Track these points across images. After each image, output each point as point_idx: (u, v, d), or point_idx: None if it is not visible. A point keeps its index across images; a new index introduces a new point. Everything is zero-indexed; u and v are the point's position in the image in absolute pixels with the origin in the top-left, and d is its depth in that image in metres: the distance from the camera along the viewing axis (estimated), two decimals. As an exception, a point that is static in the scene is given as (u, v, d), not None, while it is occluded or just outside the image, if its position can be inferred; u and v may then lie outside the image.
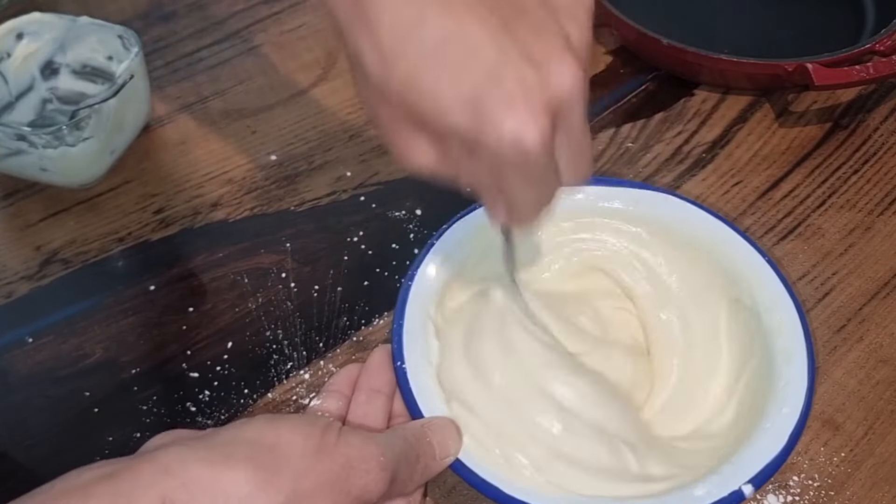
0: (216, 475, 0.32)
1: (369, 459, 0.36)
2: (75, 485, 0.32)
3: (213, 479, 0.32)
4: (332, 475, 0.35)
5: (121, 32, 0.58)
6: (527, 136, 0.31)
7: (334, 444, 0.36)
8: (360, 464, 0.35)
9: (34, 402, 0.49)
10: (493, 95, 0.30)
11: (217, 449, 0.34)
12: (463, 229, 0.49)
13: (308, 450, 0.35)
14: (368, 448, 0.36)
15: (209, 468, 0.33)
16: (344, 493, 0.35)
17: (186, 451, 0.33)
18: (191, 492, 0.32)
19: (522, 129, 0.31)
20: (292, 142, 0.62)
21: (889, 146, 0.63)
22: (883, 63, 0.61)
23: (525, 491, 0.39)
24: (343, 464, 0.35)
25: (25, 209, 0.58)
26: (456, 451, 0.40)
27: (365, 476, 0.35)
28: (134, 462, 0.33)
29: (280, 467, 0.34)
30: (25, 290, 0.54)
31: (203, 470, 0.32)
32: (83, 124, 0.53)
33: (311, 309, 0.53)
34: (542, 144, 0.31)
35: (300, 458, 0.34)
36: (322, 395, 0.44)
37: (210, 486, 0.32)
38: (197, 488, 0.32)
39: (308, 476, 0.34)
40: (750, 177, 0.61)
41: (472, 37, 0.31)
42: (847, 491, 0.45)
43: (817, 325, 0.52)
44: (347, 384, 0.45)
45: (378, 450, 0.36)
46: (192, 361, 0.50)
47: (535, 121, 0.31)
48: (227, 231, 0.57)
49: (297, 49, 0.69)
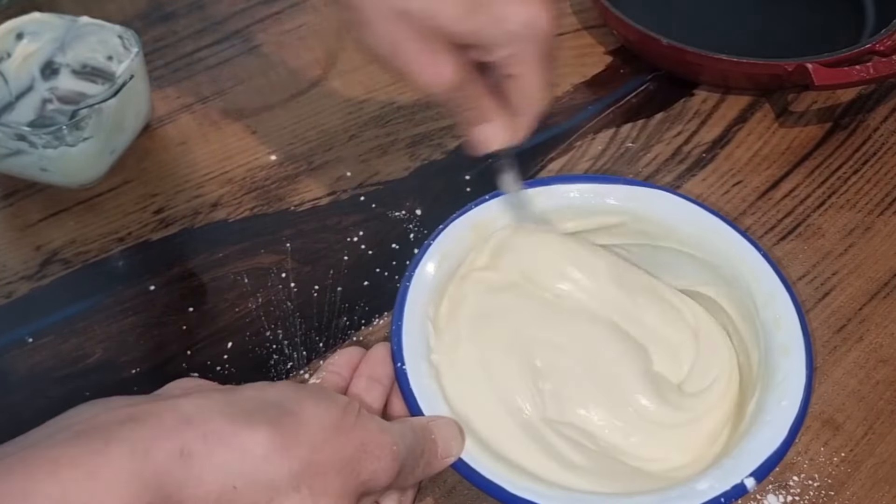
0: (237, 431, 0.33)
1: (383, 446, 0.36)
2: (94, 425, 0.32)
3: (233, 435, 0.32)
4: (346, 454, 0.35)
5: (121, 32, 0.58)
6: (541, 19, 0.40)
7: (353, 425, 0.36)
8: (374, 449, 0.36)
9: (34, 402, 0.49)
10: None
11: (240, 405, 0.34)
12: (459, 229, 0.49)
13: (327, 425, 0.35)
14: (384, 436, 0.37)
15: (230, 423, 0.33)
16: (354, 475, 0.35)
17: (210, 403, 0.33)
18: (209, 444, 0.32)
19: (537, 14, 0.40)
20: (292, 142, 0.62)
21: (889, 146, 0.63)
22: (883, 63, 0.61)
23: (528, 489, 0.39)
24: (357, 445, 0.35)
25: (25, 209, 0.58)
26: (458, 451, 0.40)
27: (376, 462, 0.36)
28: (156, 407, 0.33)
29: (299, 435, 0.34)
30: (25, 290, 0.54)
31: (224, 424, 0.33)
32: (83, 124, 0.53)
33: (311, 309, 0.53)
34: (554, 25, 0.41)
35: (318, 431, 0.34)
36: (321, 374, 0.44)
37: (229, 441, 0.32)
38: (216, 441, 0.32)
39: (324, 449, 0.34)
40: (750, 177, 0.61)
41: None
42: (847, 491, 0.45)
43: (817, 325, 0.52)
44: (347, 367, 0.45)
45: (392, 439, 0.37)
46: (192, 361, 0.50)
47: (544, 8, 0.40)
48: (227, 231, 0.57)
49: (297, 49, 0.69)
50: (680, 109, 0.65)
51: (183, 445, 0.31)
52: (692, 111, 0.65)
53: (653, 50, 0.66)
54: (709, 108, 0.65)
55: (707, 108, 0.65)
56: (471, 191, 0.58)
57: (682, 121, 0.64)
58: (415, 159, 0.61)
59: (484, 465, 0.40)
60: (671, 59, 0.65)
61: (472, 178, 0.59)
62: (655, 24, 0.65)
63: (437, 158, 0.61)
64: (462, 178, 0.59)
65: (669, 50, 0.64)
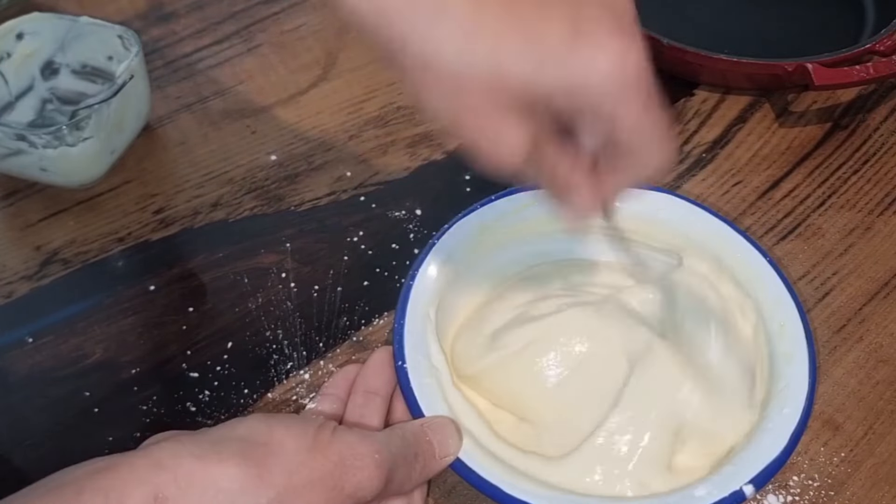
0: (207, 470, 0.33)
1: (363, 457, 0.36)
2: (68, 480, 0.32)
3: (204, 474, 0.32)
4: (324, 472, 0.35)
5: (121, 32, 0.58)
6: (629, 60, 0.32)
7: (328, 441, 0.36)
8: (353, 461, 0.36)
9: (34, 402, 0.49)
10: (581, 39, 0.31)
11: (209, 445, 0.34)
12: (464, 229, 0.49)
13: (301, 447, 0.35)
14: (363, 446, 0.36)
15: (200, 463, 0.33)
16: (337, 490, 0.35)
17: (178, 447, 0.33)
18: (182, 487, 0.32)
19: (623, 55, 0.31)
20: (292, 142, 0.62)
21: (889, 146, 0.63)
22: (883, 63, 0.61)
23: (525, 490, 0.39)
24: (336, 461, 0.35)
25: (25, 209, 0.58)
26: (456, 450, 0.40)
27: (359, 473, 0.35)
28: (127, 457, 0.33)
29: (272, 463, 0.34)
30: (25, 290, 0.54)
31: (194, 465, 0.33)
32: (83, 124, 0.53)
33: (311, 309, 0.53)
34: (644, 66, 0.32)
35: (293, 455, 0.34)
36: (318, 398, 0.45)
37: (201, 481, 0.32)
38: (188, 483, 0.32)
39: (300, 472, 0.34)
40: (750, 177, 0.61)
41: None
42: (847, 491, 0.45)
43: (817, 325, 0.52)
44: (344, 387, 0.45)
45: (373, 447, 0.37)
46: (192, 361, 0.50)
47: (630, 45, 0.32)
48: (227, 231, 0.57)
49: (297, 49, 0.69)
50: (680, 109, 0.65)
51: (157, 490, 0.32)
52: (692, 111, 0.65)
53: (653, 50, 0.65)
54: (709, 108, 0.65)
55: (707, 108, 0.65)
56: (471, 191, 0.58)
57: (682, 121, 0.64)
58: (415, 159, 0.61)
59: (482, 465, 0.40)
60: (671, 59, 0.65)
61: (472, 178, 0.59)
62: (655, 24, 0.65)
63: (437, 158, 0.61)
64: (462, 178, 0.59)
65: (669, 50, 0.64)
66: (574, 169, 0.36)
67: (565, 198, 0.37)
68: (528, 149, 0.33)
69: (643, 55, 0.32)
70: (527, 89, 0.32)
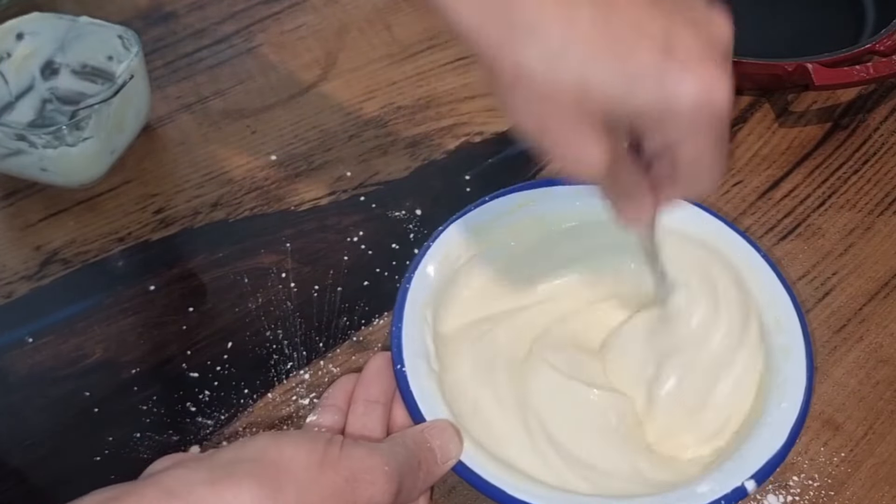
0: (220, 494, 0.32)
1: (374, 470, 0.36)
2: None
3: (216, 499, 0.32)
4: (336, 488, 0.34)
5: (121, 32, 0.58)
6: (717, 93, 0.32)
7: (338, 457, 0.35)
8: (365, 475, 0.35)
9: (34, 402, 0.49)
10: (672, 63, 0.31)
11: (219, 468, 0.33)
12: (459, 230, 0.49)
13: (312, 464, 0.35)
14: (373, 459, 0.36)
15: (212, 488, 0.32)
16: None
17: (189, 474, 0.33)
18: None
19: (711, 87, 0.32)
20: (292, 142, 0.62)
21: (889, 146, 0.63)
22: (883, 63, 0.61)
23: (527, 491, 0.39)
24: (348, 476, 0.35)
25: (25, 209, 0.58)
26: (457, 454, 0.40)
27: (371, 487, 0.35)
28: (137, 486, 0.33)
29: (284, 482, 0.33)
30: (25, 290, 0.54)
31: (206, 490, 0.32)
32: (83, 124, 0.53)
33: (311, 309, 0.53)
34: (730, 98, 0.32)
35: (304, 473, 0.34)
36: (318, 410, 0.44)
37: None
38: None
39: (312, 490, 0.34)
40: (750, 177, 0.61)
41: (630, 13, 0.32)
42: (847, 491, 0.45)
43: (817, 325, 0.52)
44: (343, 397, 0.44)
45: (382, 460, 0.36)
46: (192, 361, 0.50)
47: (720, 77, 0.32)
48: (227, 231, 0.57)
49: (297, 49, 0.69)
50: (680, 109, 0.65)
51: None
52: (692, 111, 0.65)
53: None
54: (709, 108, 0.65)
55: (707, 108, 0.65)
56: (470, 191, 0.58)
57: (682, 121, 0.64)
58: (415, 159, 0.61)
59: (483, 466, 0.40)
60: (671, 59, 0.65)
61: (472, 178, 0.59)
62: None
63: (437, 158, 0.61)
64: (462, 178, 0.59)
65: (669, 50, 0.64)
66: (639, 180, 0.37)
67: (626, 205, 0.38)
68: (606, 160, 0.34)
69: (730, 89, 0.32)
70: (613, 107, 0.32)
